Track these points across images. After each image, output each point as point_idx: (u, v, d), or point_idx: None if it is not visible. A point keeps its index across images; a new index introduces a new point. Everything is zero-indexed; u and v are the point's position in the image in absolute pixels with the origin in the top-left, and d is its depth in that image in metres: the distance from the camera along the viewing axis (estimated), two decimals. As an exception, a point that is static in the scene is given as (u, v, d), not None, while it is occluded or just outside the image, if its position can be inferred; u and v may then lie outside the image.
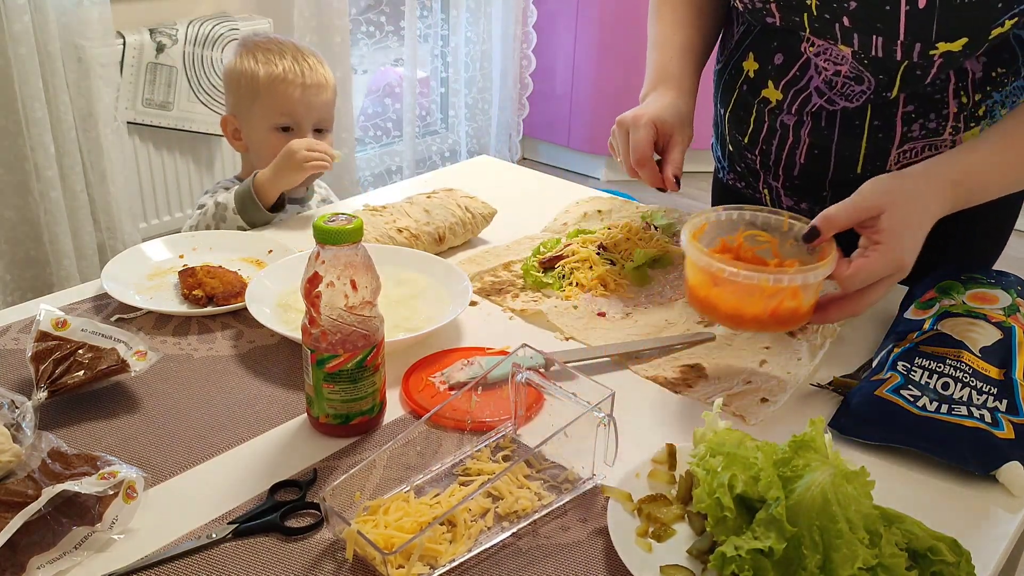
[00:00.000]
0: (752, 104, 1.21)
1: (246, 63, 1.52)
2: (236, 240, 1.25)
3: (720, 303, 0.89)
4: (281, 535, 0.74)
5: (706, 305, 0.91)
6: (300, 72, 1.53)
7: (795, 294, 0.87)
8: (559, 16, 3.92)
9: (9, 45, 2.26)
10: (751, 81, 1.20)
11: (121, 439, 0.85)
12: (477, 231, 1.29)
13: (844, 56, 1.07)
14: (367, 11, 3.51)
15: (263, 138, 1.54)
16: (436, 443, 0.86)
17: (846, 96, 1.11)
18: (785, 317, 0.89)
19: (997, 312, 0.96)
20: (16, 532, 0.69)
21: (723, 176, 1.37)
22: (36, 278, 2.54)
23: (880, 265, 0.88)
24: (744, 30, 1.21)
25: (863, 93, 1.09)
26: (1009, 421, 0.84)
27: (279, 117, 1.53)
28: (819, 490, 0.66)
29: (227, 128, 1.58)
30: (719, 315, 0.91)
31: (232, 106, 1.56)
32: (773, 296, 0.87)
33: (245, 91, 1.52)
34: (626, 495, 0.76)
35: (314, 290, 0.81)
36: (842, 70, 1.09)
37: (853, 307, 0.91)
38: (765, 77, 1.18)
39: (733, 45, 1.24)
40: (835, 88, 1.11)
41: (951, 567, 0.66)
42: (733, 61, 1.23)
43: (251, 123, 1.55)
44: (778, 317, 0.89)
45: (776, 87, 1.17)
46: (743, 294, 0.87)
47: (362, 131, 3.61)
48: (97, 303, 1.09)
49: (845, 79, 1.09)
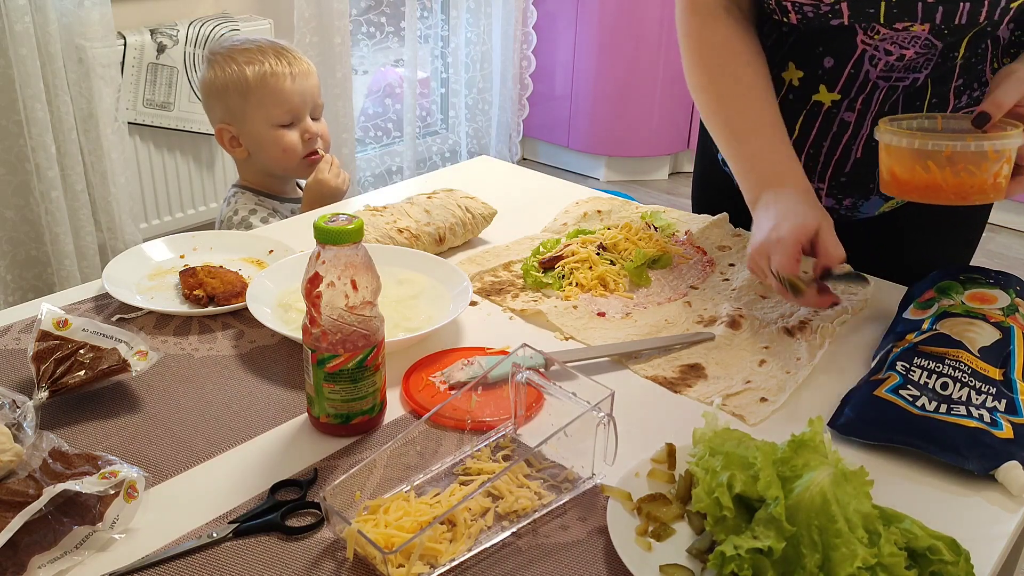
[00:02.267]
0: (800, 111, 1.18)
1: (229, 69, 1.53)
2: (237, 240, 1.25)
3: (943, 181, 0.97)
4: (282, 534, 0.74)
5: (928, 188, 0.98)
6: (287, 64, 1.55)
7: (1009, 159, 0.96)
8: (559, 17, 3.92)
9: (10, 46, 2.27)
10: (796, 90, 1.17)
11: (122, 439, 0.86)
12: (477, 231, 1.29)
13: (916, 36, 1.06)
14: (367, 12, 3.51)
15: (266, 138, 1.55)
16: (436, 443, 0.86)
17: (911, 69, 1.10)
18: (1002, 184, 0.97)
19: (996, 312, 0.96)
20: (17, 531, 0.69)
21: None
22: (37, 278, 2.55)
23: None
24: (775, 40, 1.17)
25: (929, 62, 1.09)
26: (1008, 421, 0.84)
27: (279, 115, 1.54)
28: (818, 489, 0.66)
29: (223, 138, 1.58)
30: (943, 194, 0.97)
31: (223, 115, 1.56)
32: (995, 162, 0.95)
33: (235, 96, 1.53)
34: (626, 494, 0.76)
35: (315, 290, 0.81)
36: (907, 53, 1.08)
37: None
38: (815, 83, 1.15)
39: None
40: (896, 71, 1.10)
41: (950, 566, 0.66)
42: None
43: (249, 126, 1.55)
44: (996, 184, 0.97)
45: (831, 90, 1.14)
46: (969, 166, 0.95)
47: (362, 132, 3.62)
48: (98, 303, 1.09)
49: (909, 60, 1.09)
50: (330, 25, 3.03)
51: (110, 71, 2.47)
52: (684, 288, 1.17)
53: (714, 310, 1.11)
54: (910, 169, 0.99)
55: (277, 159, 1.59)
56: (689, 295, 1.15)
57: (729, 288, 1.16)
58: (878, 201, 1.23)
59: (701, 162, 1.44)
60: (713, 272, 1.21)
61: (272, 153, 1.57)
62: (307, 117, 1.59)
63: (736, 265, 1.22)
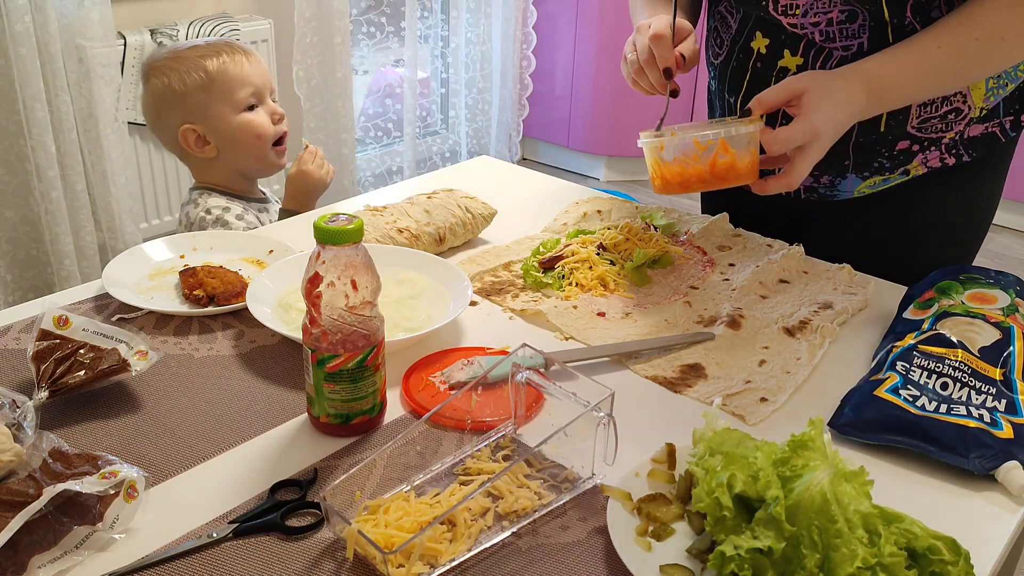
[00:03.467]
0: (769, 78, 1.22)
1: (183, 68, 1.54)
2: (237, 240, 1.25)
3: (669, 174, 1.07)
4: (282, 534, 0.74)
5: (663, 183, 1.08)
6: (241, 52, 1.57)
7: (725, 148, 1.04)
8: (559, 17, 3.92)
9: (10, 46, 2.27)
10: (764, 57, 1.21)
11: (122, 439, 0.86)
12: (477, 231, 1.29)
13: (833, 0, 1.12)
14: (367, 12, 3.51)
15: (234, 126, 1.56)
16: (436, 443, 0.86)
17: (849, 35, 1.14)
18: (723, 172, 1.05)
19: (996, 312, 0.96)
20: (17, 531, 0.69)
21: None
22: (37, 278, 2.55)
23: (797, 129, 1.01)
24: (743, 15, 1.23)
25: (862, 27, 1.13)
26: (1008, 421, 0.84)
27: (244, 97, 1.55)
28: (818, 489, 0.66)
29: (188, 140, 1.58)
30: (672, 186, 1.07)
31: (185, 117, 1.56)
32: (706, 151, 1.04)
33: (197, 92, 1.53)
34: (626, 494, 0.76)
35: (315, 290, 0.81)
36: (833, 15, 1.13)
37: (786, 179, 1.04)
38: (779, 48, 1.20)
39: (734, 33, 1.26)
40: (835, 37, 1.14)
41: (950, 566, 0.66)
42: (739, 46, 1.25)
43: (215, 119, 1.56)
44: (717, 172, 1.05)
45: (794, 54, 1.19)
46: (684, 159, 1.05)
47: (363, 132, 3.62)
48: (98, 303, 1.09)
49: (840, 25, 1.13)
50: (330, 25, 3.04)
51: (110, 71, 2.47)
52: (684, 288, 1.17)
53: (714, 310, 1.11)
54: (653, 168, 1.09)
55: (251, 146, 1.59)
56: (689, 295, 1.15)
57: (729, 288, 1.16)
58: (855, 180, 1.25)
59: None
60: (713, 272, 1.21)
61: (246, 141, 1.57)
62: (268, 98, 1.60)
63: (736, 265, 1.22)
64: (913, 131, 1.19)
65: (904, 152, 1.21)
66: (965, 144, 1.20)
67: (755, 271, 1.19)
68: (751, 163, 1.05)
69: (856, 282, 1.17)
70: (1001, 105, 1.20)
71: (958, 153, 1.21)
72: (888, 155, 1.21)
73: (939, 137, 1.20)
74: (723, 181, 1.06)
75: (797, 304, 1.11)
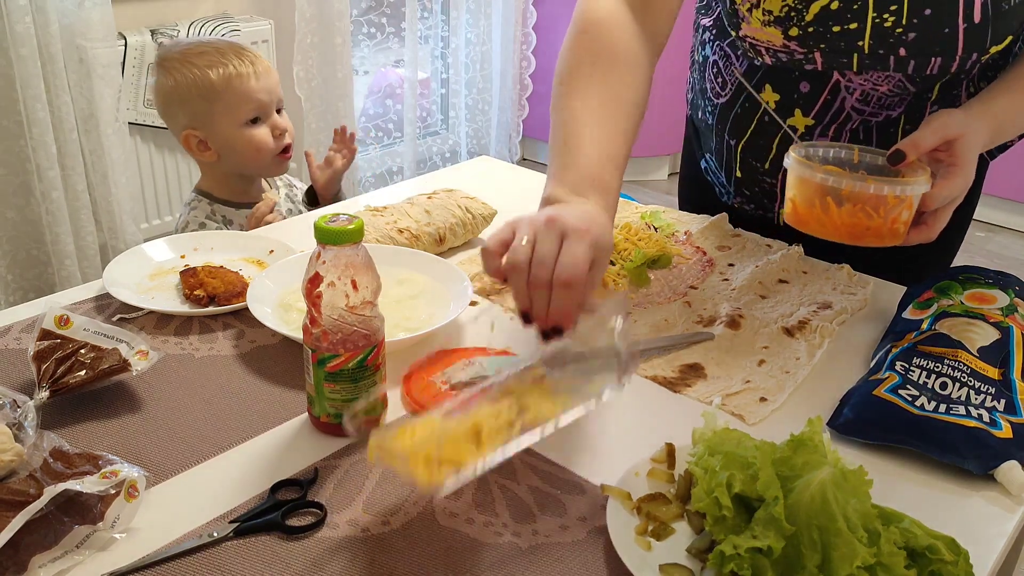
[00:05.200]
0: (775, 133, 1.18)
1: (190, 74, 1.53)
2: (237, 240, 1.25)
3: (839, 221, 0.96)
4: (282, 534, 0.75)
5: (819, 225, 0.98)
6: (249, 64, 1.55)
7: (910, 206, 0.95)
8: (559, 18, 3.92)
9: (11, 46, 2.27)
10: (772, 112, 1.17)
11: (123, 438, 0.86)
12: (477, 232, 1.30)
13: (891, 76, 1.08)
14: (368, 12, 3.51)
15: (235, 137, 1.55)
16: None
17: (885, 107, 1.11)
18: (898, 229, 0.96)
19: (995, 312, 0.96)
20: (18, 531, 0.69)
21: (727, 199, 1.35)
22: (38, 278, 2.55)
23: (958, 185, 0.96)
24: (749, 65, 1.18)
25: (903, 99, 1.10)
26: (1007, 421, 0.84)
27: (248, 112, 1.55)
28: (818, 489, 0.66)
29: (191, 143, 1.58)
30: (839, 232, 0.97)
31: (188, 120, 1.56)
32: (894, 207, 0.94)
33: (199, 101, 1.53)
34: (625, 494, 0.76)
35: (315, 290, 0.81)
36: (881, 89, 1.09)
37: (929, 231, 0.98)
38: (791, 107, 1.15)
39: (737, 81, 1.20)
40: (871, 102, 1.11)
41: (949, 566, 0.66)
42: (744, 96, 1.20)
43: (217, 128, 1.55)
44: (894, 230, 0.96)
45: (805, 115, 1.15)
46: (867, 207, 0.94)
47: (363, 132, 3.62)
48: (99, 303, 1.09)
49: (883, 94, 1.10)
50: (331, 25, 3.04)
51: (111, 71, 2.48)
52: (684, 288, 1.17)
53: (714, 310, 1.11)
54: (809, 201, 0.98)
55: (251, 158, 1.59)
56: (689, 295, 1.15)
57: (729, 288, 1.16)
58: None
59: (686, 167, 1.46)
60: (713, 272, 1.21)
61: (245, 153, 1.57)
62: (274, 112, 1.60)
63: (736, 265, 1.22)
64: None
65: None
66: None
67: (754, 271, 1.19)
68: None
69: (855, 282, 1.18)
70: None
71: None
72: None
73: None
74: (895, 238, 0.97)
75: (796, 304, 1.12)
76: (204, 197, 1.61)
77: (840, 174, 0.95)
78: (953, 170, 0.97)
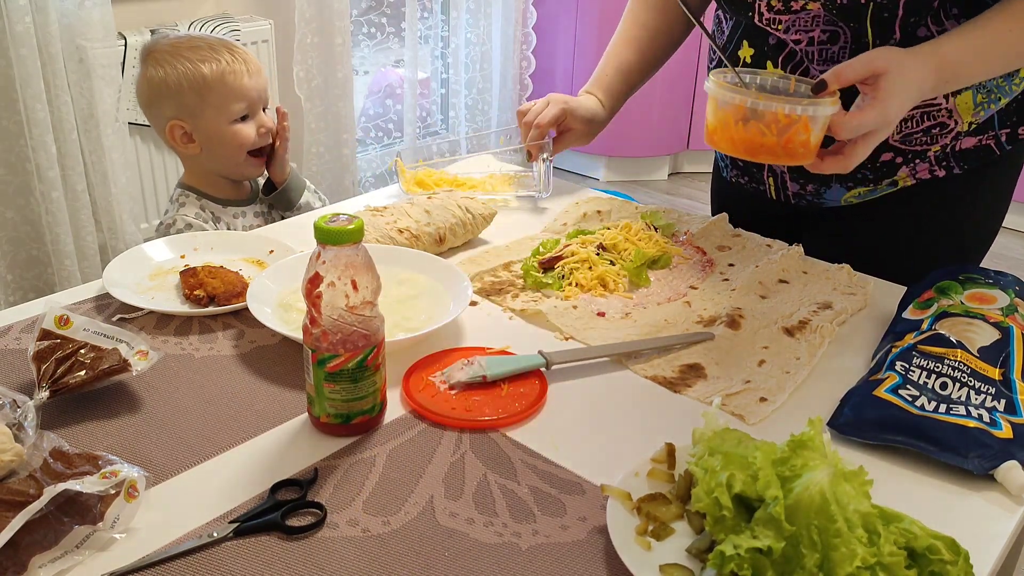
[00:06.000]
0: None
1: (180, 66, 1.52)
2: (237, 240, 1.25)
3: (738, 137, 1.02)
4: (282, 534, 0.75)
5: (726, 140, 1.04)
6: (243, 60, 1.55)
7: (806, 126, 0.99)
8: (559, 18, 3.92)
9: (11, 46, 2.27)
10: (749, 66, 1.22)
11: (123, 438, 0.86)
12: (477, 231, 1.30)
13: (816, 17, 1.12)
14: (368, 12, 3.51)
15: (222, 133, 1.55)
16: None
17: (828, 59, 1.15)
18: (795, 149, 1.01)
19: (995, 312, 0.96)
20: (18, 531, 0.69)
21: (726, 174, 1.41)
22: (38, 278, 2.55)
23: (871, 117, 0.99)
24: (734, 23, 1.24)
25: (843, 49, 1.13)
26: (1007, 421, 0.84)
27: (238, 109, 1.54)
28: (817, 489, 0.66)
29: (175, 134, 1.56)
30: (737, 148, 1.03)
31: (176, 111, 1.55)
32: (787, 127, 0.99)
33: (191, 94, 1.52)
34: (625, 494, 0.76)
35: (315, 290, 0.81)
36: (815, 35, 1.13)
37: (845, 161, 1.02)
38: (763, 58, 1.21)
39: (725, 39, 1.27)
40: (814, 57, 1.15)
41: (949, 566, 0.66)
42: (728, 54, 1.26)
43: (205, 123, 1.54)
44: (789, 149, 1.01)
45: (776, 65, 1.20)
46: (761, 126, 1.00)
47: (363, 132, 3.62)
48: (99, 303, 1.09)
49: (820, 45, 1.14)
50: (331, 25, 3.04)
51: (111, 71, 2.48)
52: (684, 288, 1.17)
53: (714, 310, 1.11)
54: (719, 119, 1.04)
55: (231, 155, 1.58)
56: (689, 295, 1.15)
57: (729, 288, 1.16)
58: (840, 189, 1.26)
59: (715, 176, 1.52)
60: (713, 272, 1.21)
61: (224, 149, 1.56)
62: (261, 111, 1.59)
63: (736, 265, 1.22)
64: (896, 143, 1.20)
65: (888, 164, 1.21)
66: (956, 156, 1.21)
67: (754, 271, 1.19)
68: (819, 142, 1.02)
69: (855, 282, 1.18)
70: (996, 118, 1.20)
71: (948, 165, 1.21)
72: (871, 166, 1.22)
73: (924, 150, 1.20)
74: (791, 158, 1.02)
75: (796, 304, 1.12)
76: (191, 192, 1.60)
77: (743, 93, 1.00)
78: (870, 102, 0.99)
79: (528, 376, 0.96)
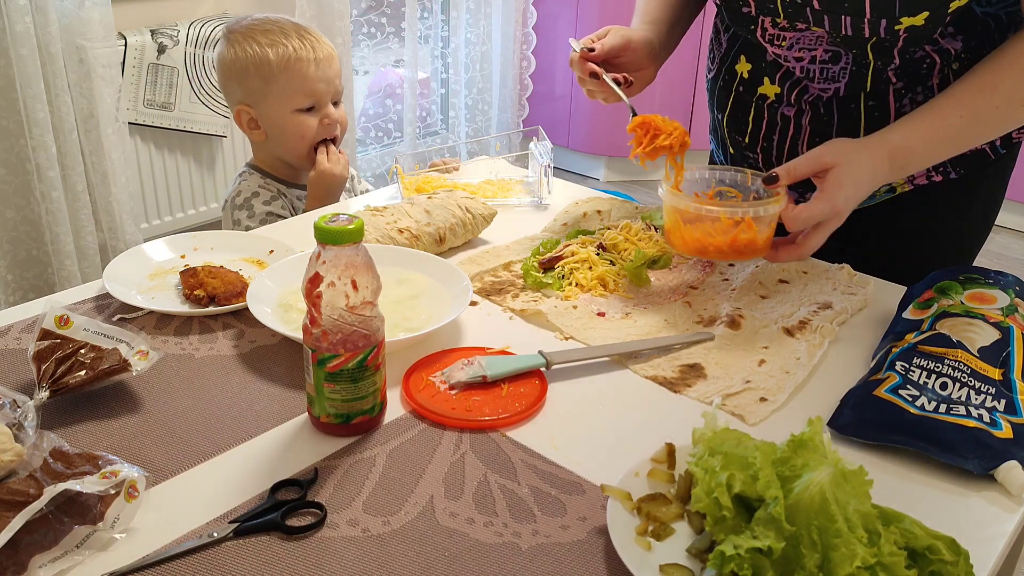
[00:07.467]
0: (750, 103, 1.25)
1: (250, 49, 1.49)
2: (237, 240, 1.25)
3: (689, 238, 1.07)
4: (282, 534, 0.75)
5: (678, 240, 1.09)
6: (311, 48, 1.51)
7: (750, 226, 1.03)
8: (559, 18, 3.92)
9: (11, 46, 2.27)
10: (746, 81, 1.24)
11: (123, 438, 0.86)
12: (477, 231, 1.30)
13: (820, 37, 1.12)
14: (368, 12, 3.51)
15: (286, 122, 1.52)
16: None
17: (829, 78, 1.16)
18: (743, 247, 1.05)
19: (995, 312, 0.96)
20: (18, 531, 0.69)
21: None
22: (38, 278, 2.55)
23: (818, 209, 1.01)
24: (731, 35, 1.25)
25: (844, 70, 1.14)
26: (1007, 421, 0.84)
27: (301, 99, 1.51)
28: (818, 489, 0.66)
29: (242, 119, 1.55)
30: (689, 248, 1.08)
31: (243, 95, 1.53)
32: (731, 228, 1.03)
33: (256, 78, 1.49)
34: (626, 494, 0.76)
35: (315, 290, 0.81)
36: (817, 54, 1.14)
37: (799, 250, 1.05)
38: (760, 75, 1.22)
39: (723, 52, 1.29)
40: (816, 64, 1.16)
41: (949, 566, 0.66)
42: (726, 67, 1.27)
43: (269, 109, 1.52)
44: (737, 247, 1.05)
45: (772, 82, 1.21)
46: (708, 227, 1.04)
47: (363, 132, 3.62)
48: (99, 303, 1.09)
49: (822, 64, 1.15)
50: (331, 26, 3.04)
51: (111, 71, 2.48)
52: (684, 288, 1.17)
53: (714, 310, 1.11)
54: (671, 221, 1.09)
55: (293, 145, 1.57)
56: (689, 295, 1.15)
57: (729, 288, 1.16)
58: None
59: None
60: (713, 272, 1.21)
61: (288, 138, 1.55)
62: (328, 103, 1.57)
63: (736, 265, 1.22)
64: None
65: None
66: (952, 161, 1.21)
67: (755, 271, 1.19)
68: (769, 238, 1.06)
69: (855, 282, 1.18)
70: None
71: (944, 171, 1.22)
72: None
73: None
74: (740, 255, 1.06)
75: (797, 304, 1.12)
76: (255, 171, 1.59)
77: (685, 199, 1.06)
78: (818, 194, 1.02)
79: (528, 376, 0.96)
